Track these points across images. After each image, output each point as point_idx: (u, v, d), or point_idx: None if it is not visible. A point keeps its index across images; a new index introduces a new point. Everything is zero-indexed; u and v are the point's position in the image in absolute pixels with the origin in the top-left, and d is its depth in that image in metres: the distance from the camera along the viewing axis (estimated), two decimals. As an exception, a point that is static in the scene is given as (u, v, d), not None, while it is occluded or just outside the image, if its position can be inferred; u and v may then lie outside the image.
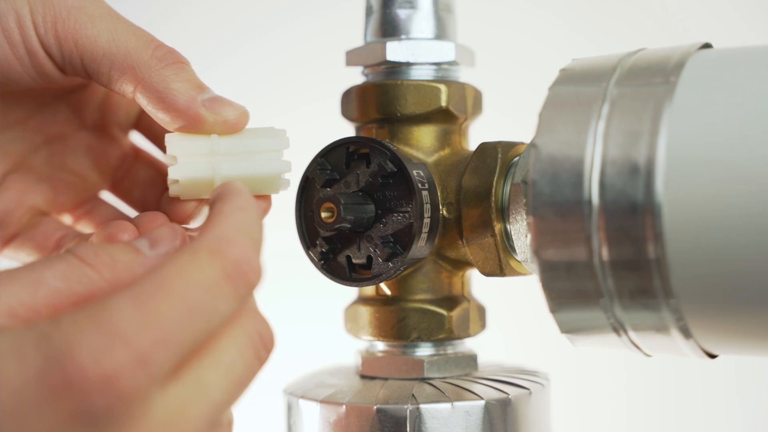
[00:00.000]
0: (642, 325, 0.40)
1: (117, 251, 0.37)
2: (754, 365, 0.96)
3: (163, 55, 0.45)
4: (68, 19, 0.44)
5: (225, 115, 0.44)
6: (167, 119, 0.45)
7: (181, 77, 0.45)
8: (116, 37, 0.45)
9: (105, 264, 0.37)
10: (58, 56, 0.45)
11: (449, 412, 0.46)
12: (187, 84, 0.45)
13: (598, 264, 0.39)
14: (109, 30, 0.45)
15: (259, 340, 0.37)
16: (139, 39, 0.45)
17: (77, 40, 0.44)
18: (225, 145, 0.45)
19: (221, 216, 0.37)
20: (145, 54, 0.45)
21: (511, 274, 0.49)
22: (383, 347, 0.51)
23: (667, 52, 0.41)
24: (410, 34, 0.50)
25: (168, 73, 0.44)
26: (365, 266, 0.48)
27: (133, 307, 0.33)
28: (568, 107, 0.41)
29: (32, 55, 0.45)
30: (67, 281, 0.35)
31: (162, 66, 0.44)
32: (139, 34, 0.45)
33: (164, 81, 0.44)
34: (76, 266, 0.36)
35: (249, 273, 0.36)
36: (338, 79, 0.54)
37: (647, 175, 0.38)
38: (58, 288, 0.35)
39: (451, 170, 0.49)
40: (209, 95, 0.45)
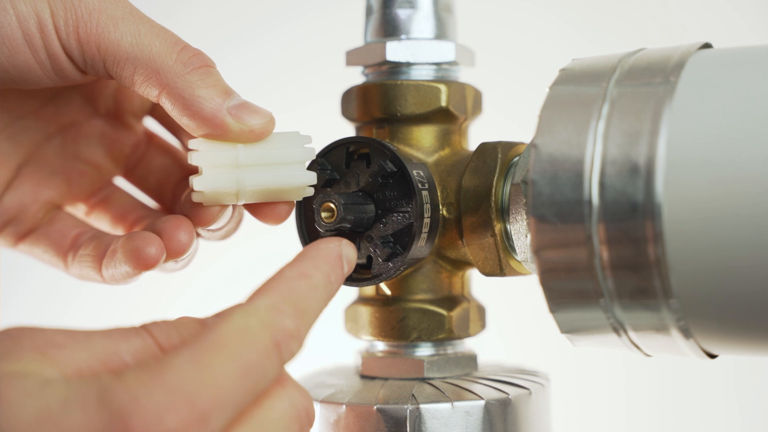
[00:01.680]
0: (642, 325, 0.40)
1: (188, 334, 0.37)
2: (754, 365, 0.96)
3: (188, 59, 0.44)
4: (90, 22, 0.43)
5: (251, 124, 0.44)
6: (192, 125, 0.44)
7: (207, 83, 0.44)
8: (139, 40, 0.44)
9: (176, 347, 0.36)
10: (80, 60, 0.44)
11: (449, 412, 0.46)
12: (214, 90, 0.44)
13: (598, 264, 0.39)
14: (132, 32, 0.44)
15: (305, 413, 0.38)
16: (164, 41, 0.44)
17: (99, 44, 0.44)
18: (250, 156, 0.44)
19: (282, 280, 0.38)
20: (170, 58, 0.44)
21: (511, 274, 0.49)
22: (383, 347, 0.51)
23: (667, 52, 0.41)
24: (410, 34, 0.50)
25: (194, 79, 0.44)
26: (365, 266, 0.48)
27: (192, 365, 0.34)
28: (568, 107, 0.41)
29: (53, 59, 0.44)
30: (138, 360, 0.35)
31: (188, 71, 0.44)
32: (164, 36, 0.44)
33: (190, 87, 0.43)
34: (150, 348, 0.36)
35: (293, 345, 0.37)
36: (338, 79, 0.54)
37: (647, 175, 0.38)
38: (128, 363, 0.35)
39: (451, 170, 0.49)
40: (236, 101, 0.44)
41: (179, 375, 0.33)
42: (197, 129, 0.44)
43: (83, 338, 0.35)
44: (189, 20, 1.02)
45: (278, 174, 0.45)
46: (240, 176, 0.44)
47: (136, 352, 0.36)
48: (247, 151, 0.44)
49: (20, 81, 0.45)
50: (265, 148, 0.44)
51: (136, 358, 0.36)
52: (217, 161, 0.44)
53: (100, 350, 0.35)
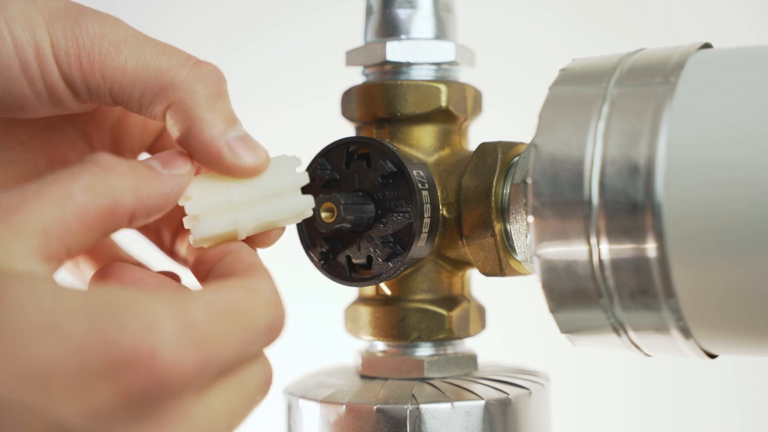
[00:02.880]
0: (642, 325, 0.40)
1: (134, 164, 0.38)
2: (753, 365, 0.96)
3: (201, 75, 0.42)
4: (92, 50, 0.42)
5: (245, 162, 0.42)
6: (188, 148, 0.42)
7: (214, 105, 0.42)
8: (145, 61, 0.42)
9: (126, 173, 0.37)
10: (83, 90, 0.42)
11: (449, 412, 0.46)
12: (219, 115, 0.42)
13: (598, 264, 0.39)
14: (137, 54, 0.42)
15: (270, 380, 0.39)
16: (172, 57, 0.42)
17: (104, 71, 0.42)
18: (243, 194, 0.42)
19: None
20: (180, 73, 0.42)
21: (511, 274, 0.49)
22: (383, 347, 0.51)
23: (667, 52, 0.41)
24: (410, 34, 0.50)
25: (202, 97, 0.42)
26: (365, 266, 0.48)
27: (210, 313, 0.35)
28: (568, 107, 0.41)
29: (51, 89, 0.42)
30: (93, 194, 0.36)
31: (198, 88, 0.42)
32: (172, 53, 0.42)
33: (196, 106, 0.42)
34: (100, 177, 0.36)
35: (280, 329, 0.38)
36: (338, 79, 0.54)
37: (647, 175, 0.38)
38: (85, 203, 0.35)
39: (451, 170, 0.49)
40: (237, 133, 0.42)
41: (197, 317, 0.34)
42: (191, 152, 0.42)
43: (35, 194, 0.35)
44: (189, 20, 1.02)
45: (275, 205, 0.43)
46: (237, 217, 0.42)
47: (87, 188, 0.36)
48: (241, 190, 0.42)
49: (14, 109, 0.43)
50: (257, 181, 0.43)
51: (90, 193, 0.36)
52: (212, 207, 0.42)
53: (55, 198, 0.35)
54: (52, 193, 0.35)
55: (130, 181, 0.37)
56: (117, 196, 0.37)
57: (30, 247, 0.34)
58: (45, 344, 0.32)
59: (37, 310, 0.32)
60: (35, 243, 0.34)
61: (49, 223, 0.34)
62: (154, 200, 0.38)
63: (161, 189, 0.39)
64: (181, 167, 0.40)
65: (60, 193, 0.35)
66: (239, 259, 0.40)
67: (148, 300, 0.33)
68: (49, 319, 0.32)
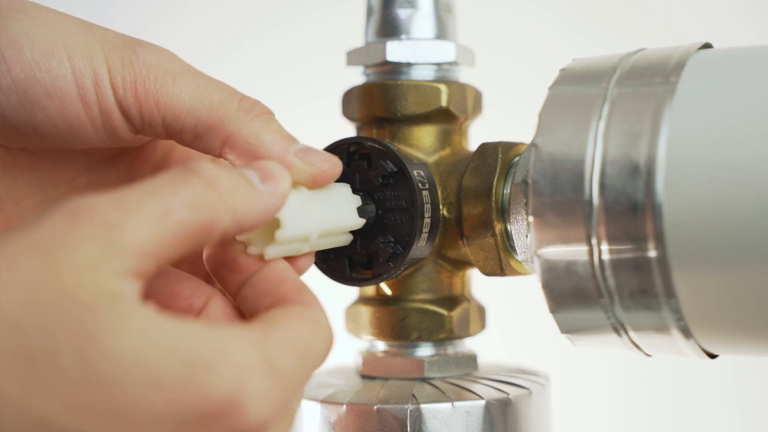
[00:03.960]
0: (642, 325, 0.40)
1: (235, 178, 0.36)
2: (753, 365, 0.96)
3: (250, 107, 0.43)
4: (148, 78, 0.42)
5: (319, 165, 0.42)
6: None
7: (270, 129, 0.42)
8: (199, 93, 0.42)
9: (227, 190, 0.36)
10: (136, 118, 0.42)
11: (450, 411, 0.46)
12: (278, 135, 0.42)
13: (598, 264, 0.39)
14: (191, 86, 0.42)
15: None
16: (223, 92, 0.42)
17: (159, 99, 0.42)
18: (318, 203, 0.43)
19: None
20: (231, 107, 0.42)
21: (511, 274, 0.49)
22: (384, 347, 0.51)
23: (667, 52, 0.41)
24: (411, 35, 0.50)
25: (257, 125, 0.42)
26: (366, 266, 0.48)
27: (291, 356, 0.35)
28: (568, 107, 0.41)
29: (106, 115, 0.42)
30: (193, 212, 0.34)
31: (250, 118, 0.42)
32: (222, 88, 0.43)
33: (255, 133, 0.42)
34: (201, 193, 0.35)
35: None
36: (338, 79, 0.54)
37: (647, 175, 0.38)
38: (183, 220, 0.34)
39: (452, 170, 0.49)
40: (300, 146, 0.42)
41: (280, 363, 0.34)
42: None
43: (135, 205, 0.34)
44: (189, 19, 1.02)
45: (337, 220, 0.45)
46: (308, 246, 0.43)
47: (189, 205, 0.35)
48: (314, 197, 0.43)
49: (67, 137, 0.42)
50: (326, 194, 0.44)
51: (190, 210, 0.34)
52: (294, 212, 0.42)
53: (155, 213, 0.34)
54: (152, 209, 0.34)
55: (231, 199, 0.36)
56: (216, 214, 0.35)
57: (126, 266, 0.33)
58: (141, 392, 0.31)
59: (134, 354, 0.31)
60: (131, 262, 0.33)
61: (148, 242, 0.33)
62: (249, 219, 0.37)
63: (258, 208, 0.37)
64: (279, 184, 0.39)
65: (160, 208, 0.34)
66: (290, 282, 0.40)
67: (237, 345, 0.33)
68: (146, 365, 0.31)
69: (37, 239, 0.32)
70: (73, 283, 0.31)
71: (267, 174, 0.38)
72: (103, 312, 0.31)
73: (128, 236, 0.33)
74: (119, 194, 0.34)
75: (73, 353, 0.31)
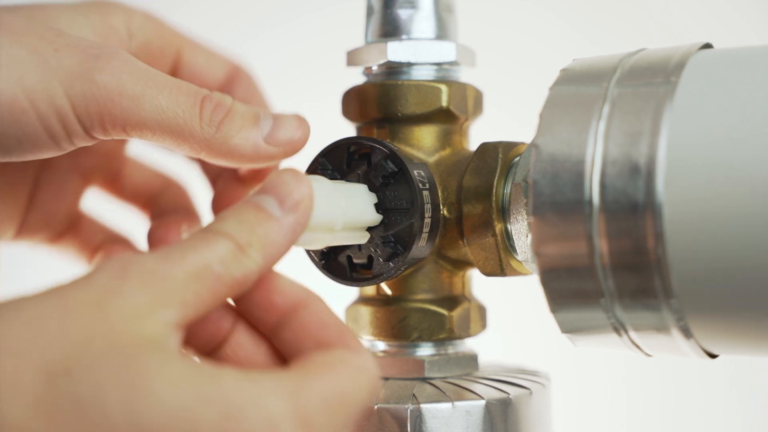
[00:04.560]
0: (642, 325, 0.40)
1: (257, 223, 0.37)
2: (753, 365, 0.96)
3: (211, 117, 0.44)
4: (113, 107, 0.43)
5: (287, 139, 0.44)
6: (240, 167, 0.45)
7: (235, 127, 0.44)
8: (164, 116, 0.43)
9: (258, 245, 0.37)
10: (106, 138, 0.44)
11: (450, 411, 0.46)
12: (244, 130, 0.44)
13: (598, 264, 0.39)
14: (155, 108, 0.43)
15: None
16: (185, 106, 0.43)
17: (126, 125, 0.43)
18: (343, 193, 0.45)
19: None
20: (196, 123, 0.43)
21: (511, 274, 0.49)
22: (384, 347, 0.51)
23: (667, 52, 0.41)
24: (411, 35, 0.50)
25: (224, 134, 0.43)
26: (366, 266, 0.48)
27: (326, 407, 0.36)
28: (568, 107, 0.41)
29: (76, 142, 0.44)
30: (228, 268, 0.36)
31: (216, 130, 0.43)
32: (181, 99, 0.44)
33: (224, 143, 0.44)
34: (234, 254, 0.36)
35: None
36: (339, 79, 0.54)
37: (648, 175, 0.38)
38: (220, 275, 0.36)
39: (452, 170, 0.49)
40: (267, 124, 0.44)
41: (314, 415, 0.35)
42: (245, 168, 0.45)
43: (177, 259, 0.35)
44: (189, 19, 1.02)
45: (357, 234, 0.46)
46: (331, 237, 0.44)
47: (223, 261, 0.36)
48: (340, 187, 0.45)
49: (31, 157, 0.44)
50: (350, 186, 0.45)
51: (225, 266, 0.36)
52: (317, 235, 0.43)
53: (196, 270, 0.35)
54: (194, 262, 0.35)
55: (262, 251, 0.37)
56: (248, 269, 0.37)
57: (170, 316, 0.34)
58: None
59: (176, 402, 0.33)
60: (174, 313, 0.34)
61: (189, 294, 0.35)
62: (279, 253, 0.38)
63: (286, 239, 0.38)
64: (300, 203, 0.39)
65: (200, 263, 0.35)
66: (331, 326, 0.40)
67: (271, 396, 0.34)
68: (186, 414, 0.33)
69: (90, 292, 0.33)
70: (122, 333, 0.33)
71: (284, 197, 0.38)
72: (149, 360, 0.33)
73: (172, 288, 0.34)
74: (163, 251, 0.35)
75: (119, 400, 0.32)
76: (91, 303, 0.33)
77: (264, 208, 0.38)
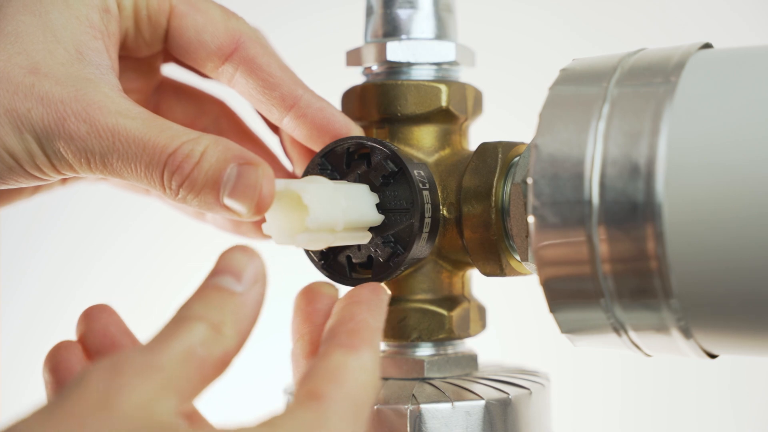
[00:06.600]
0: (642, 325, 0.40)
1: (223, 303, 0.38)
2: (750, 365, 0.96)
3: (171, 181, 0.44)
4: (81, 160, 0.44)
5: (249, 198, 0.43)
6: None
7: (194, 192, 0.44)
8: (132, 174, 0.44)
9: (231, 322, 0.37)
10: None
11: (449, 412, 0.46)
12: (203, 193, 0.44)
13: (598, 264, 0.39)
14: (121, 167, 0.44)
15: None
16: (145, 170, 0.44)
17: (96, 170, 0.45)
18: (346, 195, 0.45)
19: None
20: (159, 184, 0.44)
21: (511, 274, 0.49)
22: (384, 347, 0.51)
23: (667, 52, 0.41)
24: (411, 34, 0.50)
25: (183, 198, 0.44)
26: (366, 266, 0.48)
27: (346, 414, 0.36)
28: (568, 107, 0.41)
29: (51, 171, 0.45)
30: (209, 349, 0.36)
31: (175, 194, 0.44)
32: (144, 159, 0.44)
33: (186, 204, 0.44)
34: (212, 335, 0.37)
35: None
36: (338, 78, 0.54)
37: (648, 175, 0.38)
38: (203, 357, 0.36)
39: (452, 170, 0.49)
40: (228, 189, 0.43)
41: None
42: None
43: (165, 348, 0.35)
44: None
45: (359, 234, 0.46)
46: (333, 237, 0.45)
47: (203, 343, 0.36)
48: (343, 189, 0.45)
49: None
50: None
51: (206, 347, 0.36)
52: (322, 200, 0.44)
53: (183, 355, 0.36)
54: (179, 349, 0.36)
55: (234, 331, 0.37)
56: (226, 349, 0.37)
57: (173, 403, 0.35)
58: None
59: None
60: (176, 400, 0.35)
61: (182, 381, 0.35)
62: (250, 327, 0.38)
63: (253, 312, 0.38)
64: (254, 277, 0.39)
65: (185, 349, 0.36)
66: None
67: None
68: None
69: (91, 397, 0.34)
70: (139, 422, 0.33)
71: (239, 274, 0.39)
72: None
73: (168, 377, 0.35)
74: (146, 344, 0.36)
75: None
76: (98, 406, 0.33)
77: (224, 287, 0.38)
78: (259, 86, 0.49)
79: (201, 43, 0.48)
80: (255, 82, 0.49)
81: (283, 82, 0.49)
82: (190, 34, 0.48)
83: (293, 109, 0.49)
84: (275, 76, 0.49)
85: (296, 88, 0.49)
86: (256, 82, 0.49)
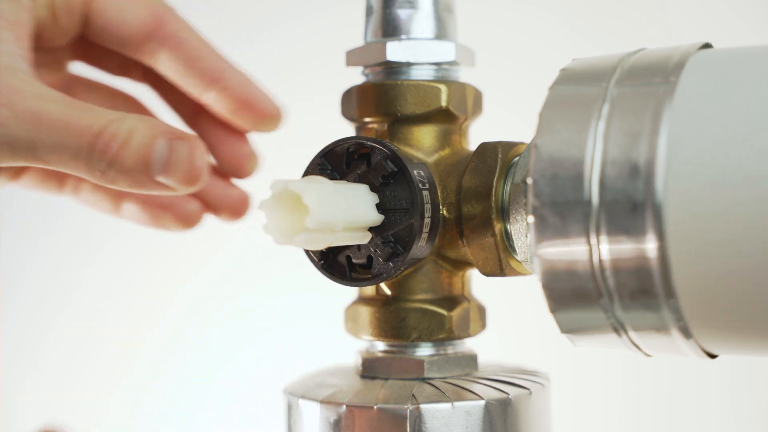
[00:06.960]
0: (642, 325, 0.40)
1: None
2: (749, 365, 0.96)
3: (101, 157, 0.43)
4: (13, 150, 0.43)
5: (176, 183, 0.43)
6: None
7: (125, 163, 0.43)
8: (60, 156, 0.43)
9: None
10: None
11: (449, 412, 0.46)
12: (134, 165, 0.43)
13: (598, 264, 0.39)
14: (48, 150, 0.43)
15: None
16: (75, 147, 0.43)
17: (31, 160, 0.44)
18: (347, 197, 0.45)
19: None
20: (90, 162, 0.43)
21: (511, 274, 0.49)
22: (383, 347, 0.51)
23: (667, 52, 0.41)
24: (410, 34, 0.50)
25: (115, 174, 0.43)
26: (365, 266, 0.48)
27: None
28: (568, 107, 0.41)
29: None
30: None
31: (104, 172, 0.43)
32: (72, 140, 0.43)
33: (115, 180, 0.43)
34: None
35: None
36: (338, 78, 0.54)
37: (647, 175, 0.38)
38: None
39: (452, 170, 0.49)
40: (158, 160, 0.43)
41: None
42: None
43: None
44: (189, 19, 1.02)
45: (359, 234, 0.46)
46: (333, 237, 0.45)
47: None
48: (343, 190, 0.45)
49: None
50: (351, 188, 0.45)
51: None
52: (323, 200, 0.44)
53: None
54: None
55: None
56: None
57: None
58: None
59: None
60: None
61: None
62: None
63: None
64: None
65: None
66: None
67: None
68: None
69: None
70: None
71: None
72: None
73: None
74: None
75: None
76: None
77: None
78: (184, 61, 0.49)
79: (123, 22, 0.48)
80: (179, 56, 0.49)
81: (207, 56, 0.49)
82: (111, 15, 0.48)
83: (218, 82, 0.49)
84: (198, 49, 0.49)
85: (219, 62, 0.49)
86: (181, 57, 0.49)
